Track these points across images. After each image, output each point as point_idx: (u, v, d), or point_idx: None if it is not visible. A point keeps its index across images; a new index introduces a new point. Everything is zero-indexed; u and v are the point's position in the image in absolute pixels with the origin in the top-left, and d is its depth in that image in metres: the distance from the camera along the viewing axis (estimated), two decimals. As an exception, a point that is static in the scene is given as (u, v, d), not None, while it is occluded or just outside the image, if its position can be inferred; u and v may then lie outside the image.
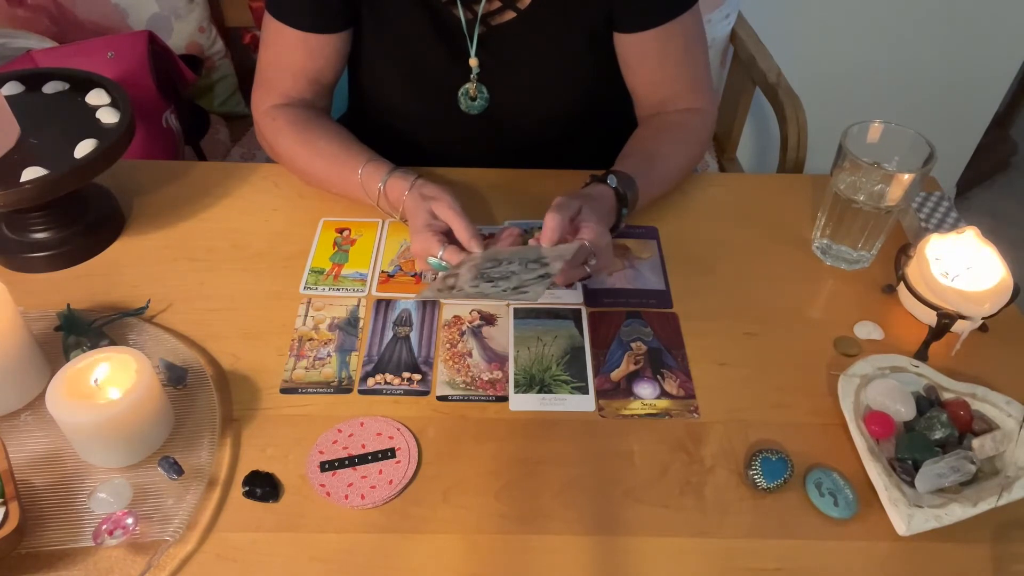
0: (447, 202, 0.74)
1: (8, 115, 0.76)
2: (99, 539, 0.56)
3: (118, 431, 0.60)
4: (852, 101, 1.78)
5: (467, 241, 0.72)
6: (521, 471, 0.64)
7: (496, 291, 0.66)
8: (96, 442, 0.61)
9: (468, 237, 0.72)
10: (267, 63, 0.88)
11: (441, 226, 0.74)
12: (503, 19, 0.85)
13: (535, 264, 0.68)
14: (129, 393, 0.59)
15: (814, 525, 0.61)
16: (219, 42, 1.41)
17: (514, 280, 0.66)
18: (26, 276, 0.79)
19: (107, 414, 0.58)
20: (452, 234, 0.74)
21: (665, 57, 0.87)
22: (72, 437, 0.61)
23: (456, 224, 0.73)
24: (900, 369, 0.69)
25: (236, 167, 0.94)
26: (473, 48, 0.85)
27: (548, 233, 0.69)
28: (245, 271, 0.81)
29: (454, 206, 0.74)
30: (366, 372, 0.71)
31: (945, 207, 0.86)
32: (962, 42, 1.73)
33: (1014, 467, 0.62)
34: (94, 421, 0.58)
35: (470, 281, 0.68)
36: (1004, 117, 2.08)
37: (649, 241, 0.85)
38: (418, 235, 0.74)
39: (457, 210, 0.73)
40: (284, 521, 0.60)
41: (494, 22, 0.85)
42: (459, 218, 0.73)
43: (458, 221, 0.73)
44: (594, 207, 0.74)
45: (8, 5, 1.24)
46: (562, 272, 0.70)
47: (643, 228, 0.87)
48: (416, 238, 0.75)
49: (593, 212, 0.73)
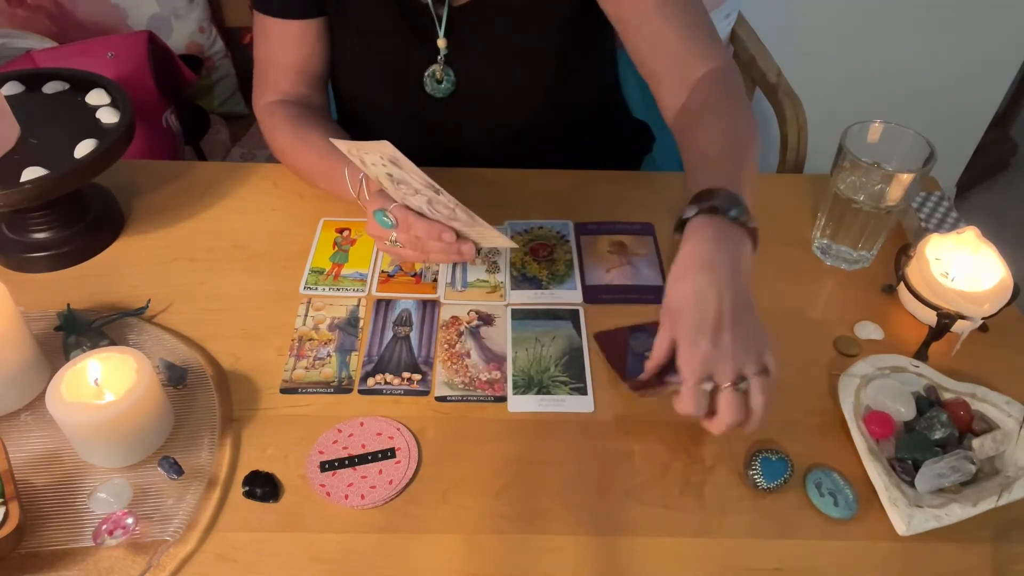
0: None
1: (8, 115, 0.76)
2: (99, 539, 0.56)
3: (118, 431, 0.60)
4: (852, 101, 1.78)
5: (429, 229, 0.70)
6: (521, 471, 0.64)
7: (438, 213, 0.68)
8: (96, 442, 0.61)
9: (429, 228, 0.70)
10: (259, 60, 0.90)
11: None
12: (468, 0, 0.86)
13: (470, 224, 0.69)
14: (129, 393, 0.59)
15: (814, 525, 0.61)
16: (219, 42, 1.41)
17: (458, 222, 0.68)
18: (26, 276, 0.79)
19: (107, 414, 0.58)
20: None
21: (664, 6, 0.80)
22: (72, 437, 0.61)
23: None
24: (900, 369, 0.69)
25: (236, 167, 0.94)
26: (441, 30, 0.86)
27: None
28: (245, 271, 0.81)
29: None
30: (366, 372, 0.71)
31: (945, 207, 0.86)
32: (962, 42, 1.72)
33: (1014, 467, 0.62)
34: (94, 421, 0.58)
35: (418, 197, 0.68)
36: (1004, 117, 2.08)
37: (646, 237, 0.86)
38: (371, 200, 0.73)
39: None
40: (284, 521, 0.60)
41: (459, 3, 0.86)
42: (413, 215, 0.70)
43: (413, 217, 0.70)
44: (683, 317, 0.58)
45: (8, 5, 1.24)
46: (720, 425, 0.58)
47: (640, 224, 0.87)
48: (369, 203, 0.73)
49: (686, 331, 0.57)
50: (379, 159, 0.66)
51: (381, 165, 0.67)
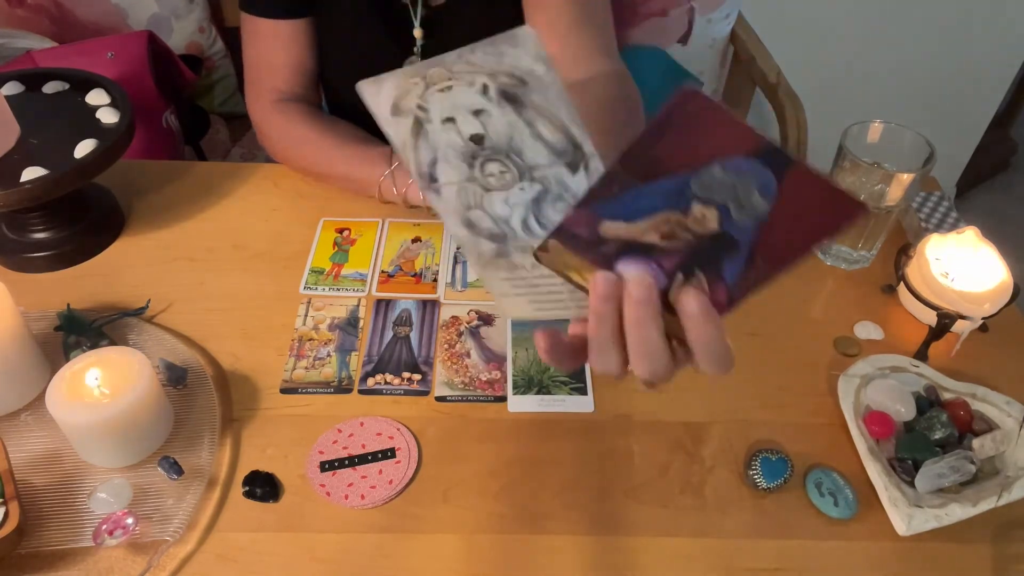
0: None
1: (8, 115, 0.76)
2: (99, 539, 0.56)
3: (118, 431, 0.59)
4: (852, 101, 1.79)
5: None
6: (521, 471, 0.64)
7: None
8: (96, 442, 0.61)
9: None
10: (251, 62, 0.90)
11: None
12: (442, 0, 0.88)
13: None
14: (129, 393, 0.59)
15: (814, 525, 0.61)
16: (219, 42, 1.41)
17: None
18: (26, 276, 0.79)
19: (107, 414, 0.58)
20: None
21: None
22: (72, 437, 0.61)
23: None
24: (900, 369, 0.69)
25: (236, 167, 0.94)
26: (417, 21, 0.87)
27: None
28: (245, 271, 0.81)
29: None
30: (366, 372, 0.71)
31: (945, 207, 0.86)
32: (962, 42, 1.73)
33: (1014, 467, 0.62)
34: (94, 421, 0.58)
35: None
36: (1004, 117, 2.08)
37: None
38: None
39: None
40: (284, 521, 0.60)
41: (435, 3, 0.88)
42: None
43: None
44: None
45: (8, 5, 1.24)
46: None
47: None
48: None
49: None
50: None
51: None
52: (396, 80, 0.37)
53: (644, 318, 0.38)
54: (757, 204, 0.34)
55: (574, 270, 0.40)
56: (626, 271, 0.39)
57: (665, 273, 0.38)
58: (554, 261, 0.41)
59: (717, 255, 0.37)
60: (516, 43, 0.34)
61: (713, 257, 0.37)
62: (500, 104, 0.36)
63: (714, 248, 0.36)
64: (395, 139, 0.39)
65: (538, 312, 0.45)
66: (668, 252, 0.38)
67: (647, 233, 0.37)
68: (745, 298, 0.37)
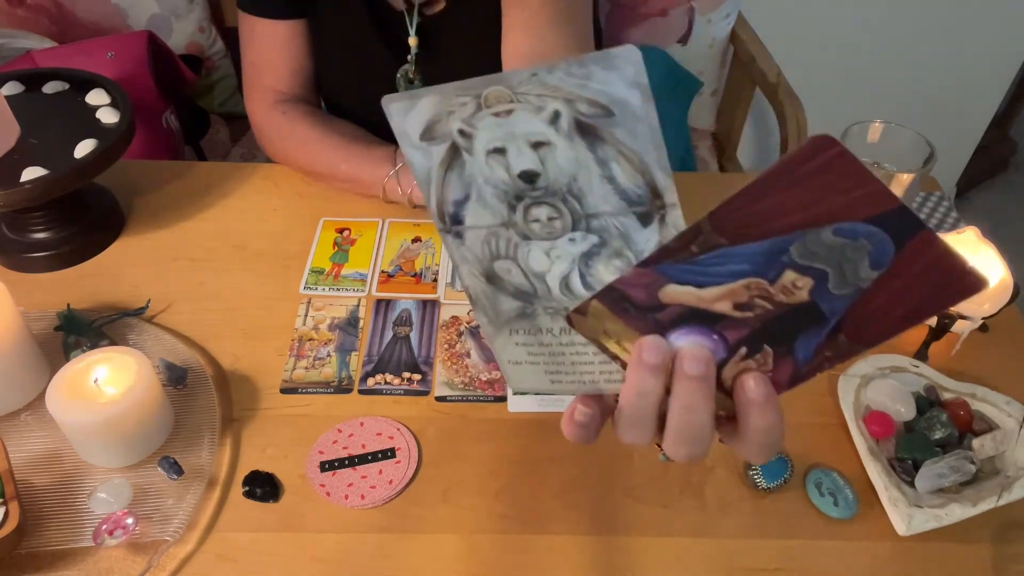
0: None
1: (8, 115, 0.76)
2: (99, 539, 0.56)
3: (118, 431, 0.59)
4: (852, 101, 1.78)
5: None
6: (521, 471, 0.64)
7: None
8: (96, 442, 0.61)
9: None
10: (250, 63, 0.90)
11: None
12: (436, 9, 0.87)
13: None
14: (129, 393, 0.59)
15: (814, 525, 0.61)
16: (219, 42, 1.40)
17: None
18: (26, 276, 0.79)
19: (107, 414, 0.58)
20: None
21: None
22: (72, 437, 0.61)
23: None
24: (900, 369, 0.69)
25: (236, 167, 0.94)
26: (413, 29, 0.87)
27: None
28: (245, 271, 0.81)
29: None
30: (366, 372, 0.71)
31: (945, 207, 0.86)
32: (962, 42, 1.73)
33: (1014, 467, 0.62)
34: (94, 421, 0.58)
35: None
36: (1004, 117, 2.08)
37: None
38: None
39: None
40: (284, 521, 0.60)
41: (429, 12, 0.87)
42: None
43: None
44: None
45: (8, 5, 1.24)
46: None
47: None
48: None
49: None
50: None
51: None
52: (436, 98, 0.31)
53: (696, 402, 0.32)
54: (864, 276, 0.29)
55: (613, 339, 0.34)
56: (679, 341, 0.33)
57: (727, 346, 0.32)
58: (592, 327, 0.34)
59: (794, 329, 0.31)
60: (611, 64, 0.28)
61: (789, 331, 0.31)
62: (570, 137, 0.30)
63: (794, 321, 0.31)
64: (418, 169, 0.33)
65: (553, 386, 0.39)
66: (736, 323, 0.32)
67: (719, 302, 0.31)
68: (812, 377, 0.32)
